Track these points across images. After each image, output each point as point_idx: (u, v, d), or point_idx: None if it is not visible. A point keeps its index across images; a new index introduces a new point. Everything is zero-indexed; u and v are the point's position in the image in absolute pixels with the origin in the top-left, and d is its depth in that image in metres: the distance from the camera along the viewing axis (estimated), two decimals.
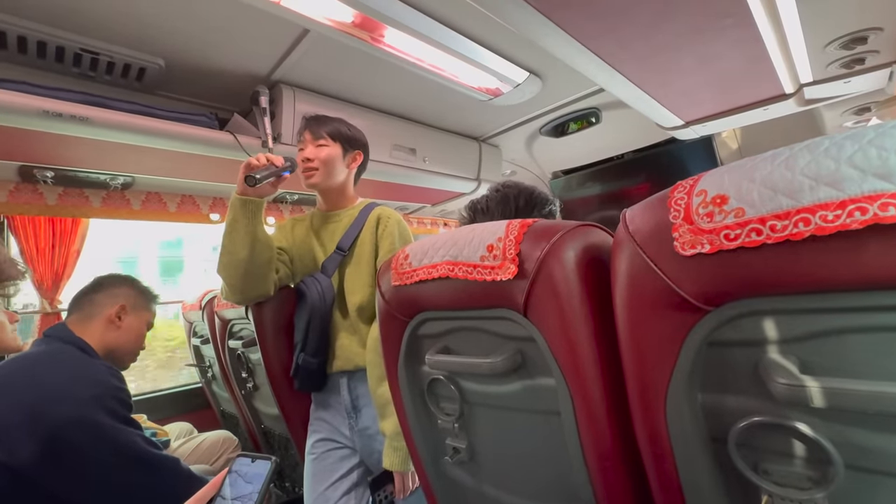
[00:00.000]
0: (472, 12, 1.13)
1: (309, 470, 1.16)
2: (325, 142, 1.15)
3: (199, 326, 1.91)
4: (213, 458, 1.62)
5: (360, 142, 1.22)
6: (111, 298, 1.14)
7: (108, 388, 0.95)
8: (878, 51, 1.09)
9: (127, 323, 1.15)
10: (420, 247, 0.70)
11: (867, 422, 0.36)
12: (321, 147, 1.14)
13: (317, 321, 1.12)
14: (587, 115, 1.87)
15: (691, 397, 0.44)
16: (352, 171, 1.22)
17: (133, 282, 1.23)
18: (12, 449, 0.81)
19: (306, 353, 1.13)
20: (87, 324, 1.10)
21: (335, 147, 1.15)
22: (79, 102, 1.16)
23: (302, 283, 1.17)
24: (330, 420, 1.17)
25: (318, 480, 1.13)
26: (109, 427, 0.90)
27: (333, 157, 1.15)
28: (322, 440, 1.17)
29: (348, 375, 1.14)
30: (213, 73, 1.37)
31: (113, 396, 0.94)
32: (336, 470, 1.14)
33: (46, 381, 0.90)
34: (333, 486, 1.12)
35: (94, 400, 0.90)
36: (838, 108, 1.51)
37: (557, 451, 0.58)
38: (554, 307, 0.53)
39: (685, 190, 0.43)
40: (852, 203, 0.32)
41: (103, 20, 1.10)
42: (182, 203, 1.87)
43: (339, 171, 1.17)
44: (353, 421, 1.13)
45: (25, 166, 1.42)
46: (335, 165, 1.15)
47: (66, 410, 0.86)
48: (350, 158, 1.19)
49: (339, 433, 1.16)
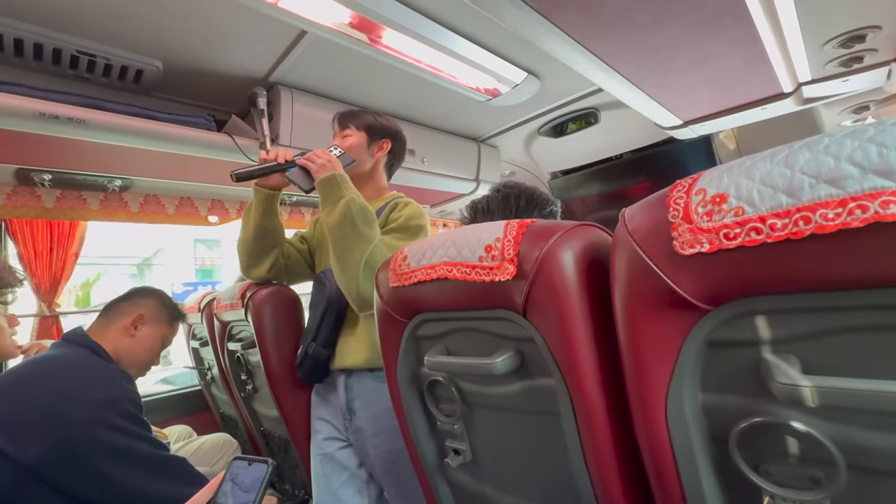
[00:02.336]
0: (470, 13, 1.13)
1: (318, 469, 1.16)
2: (350, 131, 1.19)
3: (198, 328, 1.90)
4: (212, 462, 1.62)
5: (388, 130, 1.23)
6: (133, 307, 1.15)
7: (122, 391, 0.96)
8: (876, 49, 1.09)
9: (142, 333, 1.14)
10: (418, 247, 0.70)
11: (869, 421, 0.36)
12: (346, 137, 1.18)
13: (332, 314, 1.12)
14: (586, 116, 1.87)
15: (692, 397, 0.44)
16: (379, 160, 1.23)
17: (160, 295, 1.24)
18: (26, 445, 0.82)
19: (317, 342, 1.13)
20: (106, 329, 1.11)
21: (359, 135, 1.18)
22: (76, 105, 1.16)
23: (322, 273, 1.17)
24: (330, 419, 1.18)
25: (328, 479, 1.14)
26: (121, 429, 0.91)
27: (356, 145, 1.18)
28: (327, 439, 1.17)
29: (346, 374, 1.13)
30: (210, 75, 1.37)
31: (126, 399, 0.95)
32: (345, 468, 1.14)
33: (65, 382, 0.91)
34: (344, 484, 1.13)
35: (108, 403, 0.91)
36: (837, 107, 1.51)
37: (558, 451, 0.58)
38: (553, 307, 0.53)
39: (684, 189, 0.43)
40: (853, 201, 0.32)
41: (100, 22, 1.10)
42: (180, 205, 1.86)
43: (365, 159, 1.19)
44: (347, 422, 1.13)
45: (23, 169, 1.42)
46: (358, 153, 1.17)
47: (81, 412, 0.87)
48: (376, 147, 1.21)
49: (339, 431, 1.16)
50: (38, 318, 1.84)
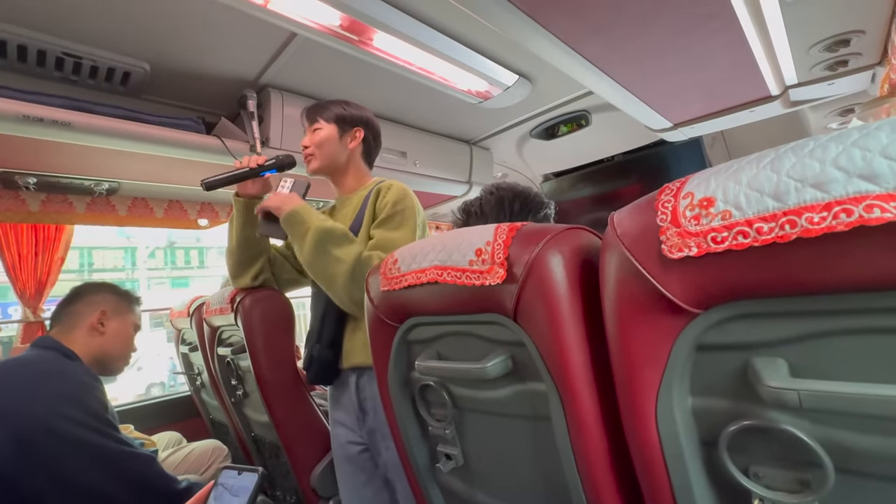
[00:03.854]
0: (460, 15, 1.13)
1: (342, 470, 1.16)
2: (320, 125, 1.16)
3: (187, 334, 1.88)
4: (202, 468, 1.59)
5: (358, 118, 1.20)
6: (90, 307, 1.13)
7: (79, 385, 0.94)
8: (860, 53, 1.10)
9: (111, 328, 1.14)
10: (409, 251, 0.69)
11: (856, 425, 0.36)
12: (316, 132, 1.16)
13: (332, 313, 1.11)
14: (577, 118, 1.88)
15: (681, 401, 0.44)
16: (354, 150, 1.20)
17: (111, 287, 1.22)
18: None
19: (322, 343, 1.12)
20: (70, 334, 1.08)
21: (330, 128, 1.16)
22: (61, 107, 1.14)
23: None
24: (344, 420, 1.17)
25: (353, 479, 1.13)
26: (78, 424, 0.89)
27: (328, 139, 1.15)
28: (347, 443, 1.16)
29: (357, 374, 1.12)
30: (199, 77, 1.36)
31: (87, 394, 0.94)
32: (367, 468, 1.14)
33: (17, 380, 0.90)
34: (367, 483, 1.13)
35: (63, 397, 0.90)
36: (823, 110, 1.53)
37: (549, 456, 0.57)
38: (543, 311, 0.53)
39: (672, 192, 0.43)
40: (838, 205, 0.32)
41: (86, 24, 1.08)
42: (169, 208, 1.84)
43: (338, 151, 1.17)
44: (361, 422, 1.13)
45: (6, 172, 1.39)
46: (331, 147, 1.16)
47: (33, 408, 0.86)
48: (349, 137, 1.18)
49: (355, 433, 1.16)
50: (22, 325, 1.80)
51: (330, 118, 1.17)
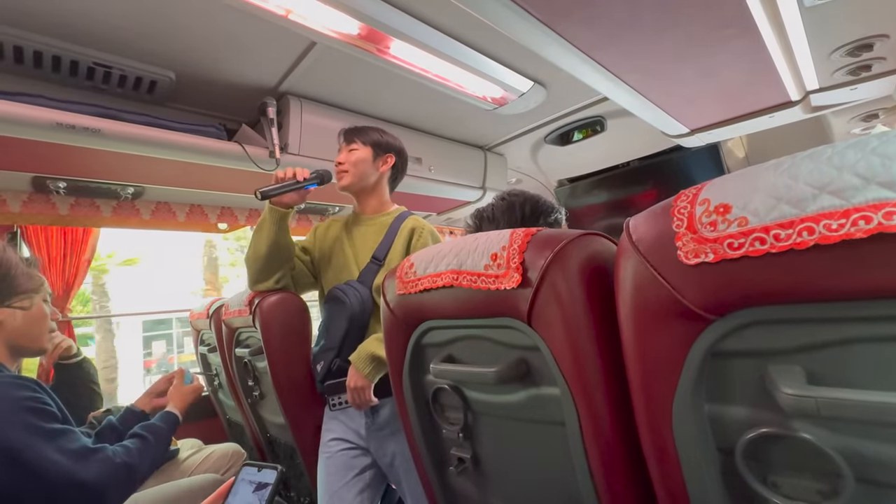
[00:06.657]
0: (476, 23, 1.15)
1: (323, 468, 1.17)
2: (356, 146, 1.23)
3: (206, 335, 1.92)
4: (221, 470, 1.62)
5: (392, 146, 1.28)
6: None
7: (15, 402, 0.83)
8: (884, 58, 1.08)
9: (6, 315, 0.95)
10: (425, 255, 0.70)
11: (876, 434, 0.35)
12: (352, 151, 1.23)
13: (355, 330, 1.15)
14: (592, 124, 1.88)
15: (697, 408, 0.44)
16: (384, 175, 1.27)
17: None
18: None
19: (341, 358, 1.15)
20: None
21: (365, 150, 1.23)
22: (91, 115, 1.18)
23: (338, 289, 1.19)
24: (345, 420, 1.18)
25: (333, 479, 1.14)
26: (23, 443, 0.80)
27: (362, 159, 1.22)
28: (335, 439, 1.17)
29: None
30: (222, 85, 1.40)
31: (23, 409, 0.83)
32: (350, 469, 1.15)
33: None
34: (347, 485, 1.13)
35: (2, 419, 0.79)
36: (846, 115, 1.50)
37: (562, 461, 0.57)
38: (558, 316, 0.53)
39: (688, 199, 0.43)
40: (856, 212, 0.32)
41: (116, 35, 1.13)
42: (191, 212, 1.89)
43: (370, 173, 1.24)
44: (369, 420, 1.14)
45: (39, 177, 1.45)
46: (364, 167, 1.23)
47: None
48: (381, 161, 1.26)
49: (352, 433, 1.17)
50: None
51: (367, 141, 1.24)
